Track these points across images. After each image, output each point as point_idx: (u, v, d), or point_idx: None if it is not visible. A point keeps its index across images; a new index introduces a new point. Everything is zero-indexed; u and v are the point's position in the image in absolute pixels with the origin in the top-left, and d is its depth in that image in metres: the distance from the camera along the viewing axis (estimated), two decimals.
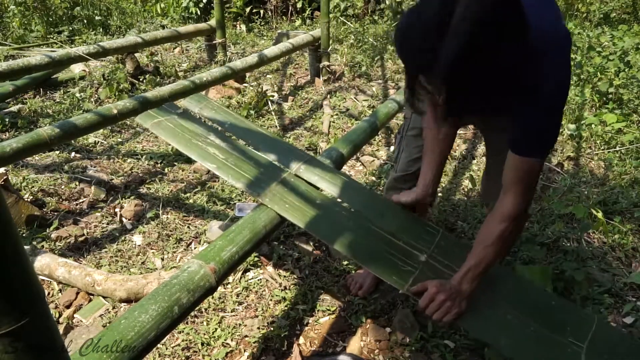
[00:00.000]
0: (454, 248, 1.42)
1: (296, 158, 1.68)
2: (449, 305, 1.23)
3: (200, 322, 1.71)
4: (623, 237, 2.16)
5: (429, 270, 1.34)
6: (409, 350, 1.60)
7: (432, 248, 1.39)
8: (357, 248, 1.36)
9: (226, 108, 1.96)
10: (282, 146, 1.78)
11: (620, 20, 6.75)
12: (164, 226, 2.25)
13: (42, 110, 3.55)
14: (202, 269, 1.15)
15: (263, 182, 1.50)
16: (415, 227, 1.47)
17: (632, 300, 1.82)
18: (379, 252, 1.36)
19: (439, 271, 1.34)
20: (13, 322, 0.57)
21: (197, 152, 1.57)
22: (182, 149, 1.59)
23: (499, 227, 1.22)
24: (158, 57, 4.70)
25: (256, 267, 1.98)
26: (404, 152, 1.70)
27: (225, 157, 1.57)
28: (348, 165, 2.90)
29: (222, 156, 1.57)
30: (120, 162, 2.87)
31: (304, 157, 1.70)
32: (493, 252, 1.24)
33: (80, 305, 1.79)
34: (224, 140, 1.67)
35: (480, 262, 1.25)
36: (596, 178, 2.75)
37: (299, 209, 1.43)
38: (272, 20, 6.66)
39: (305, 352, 1.61)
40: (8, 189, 2.11)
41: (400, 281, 1.29)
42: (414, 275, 1.31)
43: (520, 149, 1.17)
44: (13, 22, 5.68)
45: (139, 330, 0.95)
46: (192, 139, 1.61)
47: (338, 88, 4.19)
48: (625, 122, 3.30)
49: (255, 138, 1.80)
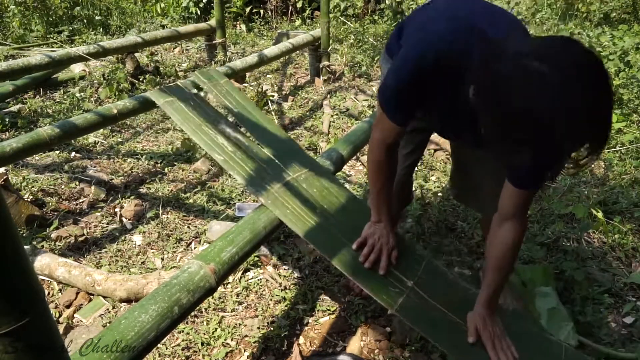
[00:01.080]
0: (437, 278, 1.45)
1: (300, 163, 1.67)
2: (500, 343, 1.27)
3: (200, 322, 1.71)
4: (623, 237, 2.16)
5: (415, 296, 1.36)
6: (409, 350, 1.60)
7: (416, 279, 1.41)
8: (353, 265, 1.37)
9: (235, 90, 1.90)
10: (288, 146, 1.76)
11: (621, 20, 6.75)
12: (164, 226, 2.25)
13: (42, 110, 3.55)
14: (202, 269, 1.15)
15: (266, 183, 1.49)
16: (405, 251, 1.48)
17: (632, 300, 1.82)
18: (372, 273, 1.37)
19: (423, 299, 1.36)
20: (13, 321, 0.57)
21: (206, 140, 1.54)
22: (190, 134, 1.56)
23: (513, 252, 1.28)
24: (158, 57, 4.70)
25: (256, 267, 1.98)
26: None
27: (233, 149, 1.55)
28: (348, 165, 2.90)
29: (230, 148, 1.55)
30: (120, 162, 2.87)
31: (306, 164, 1.69)
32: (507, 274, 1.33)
33: (80, 305, 1.79)
34: (234, 131, 1.64)
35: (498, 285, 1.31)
36: (596, 178, 2.75)
37: (300, 217, 1.43)
38: (272, 20, 6.66)
39: (305, 352, 1.61)
40: (8, 189, 2.11)
41: (390, 301, 1.31)
42: (403, 298, 1.33)
43: (527, 184, 1.19)
44: (13, 22, 5.67)
45: (139, 330, 0.96)
46: (202, 125, 1.58)
47: (338, 88, 4.19)
48: (626, 122, 3.30)
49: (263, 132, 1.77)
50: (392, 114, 1.22)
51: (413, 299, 1.35)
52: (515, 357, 1.25)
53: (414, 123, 1.48)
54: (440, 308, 1.35)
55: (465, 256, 2.06)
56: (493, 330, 1.28)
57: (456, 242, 2.17)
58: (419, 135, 1.60)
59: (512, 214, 1.23)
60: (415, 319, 1.31)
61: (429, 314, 1.33)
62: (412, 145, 1.62)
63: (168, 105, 1.63)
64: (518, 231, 1.25)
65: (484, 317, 1.29)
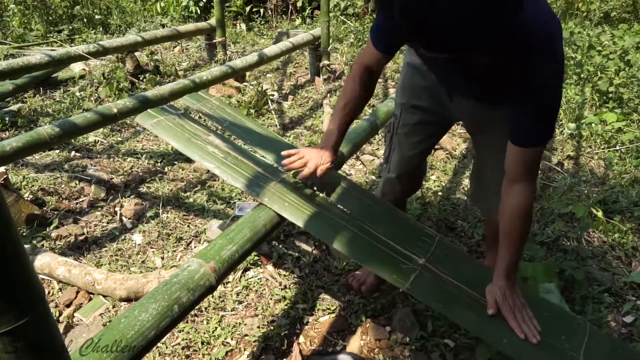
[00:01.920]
0: (450, 255, 1.43)
1: None
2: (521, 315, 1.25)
3: (200, 321, 1.71)
4: (623, 236, 2.16)
5: (428, 272, 1.34)
6: (409, 349, 1.60)
7: (429, 255, 1.39)
8: (356, 247, 1.36)
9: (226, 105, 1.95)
10: (281, 146, 1.77)
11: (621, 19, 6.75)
12: (164, 225, 2.25)
13: (42, 109, 3.55)
14: (202, 267, 1.15)
15: (262, 181, 1.50)
16: (413, 232, 1.47)
17: (632, 300, 1.82)
18: (378, 252, 1.36)
19: (436, 275, 1.34)
20: (13, 321, 0.57)
21: (197, 151, 1.56)
22: (181, 148, 1.58)
23: (524, 217, 1.25)
24: (158, 56, 4.69)
25: (256, 266, 1.98)
26: (396, 151, 1.67)
27: (224, 155, 1.56)
28: (348, 164, 2.90)
29: (221, 155, 1.56)
30: (120, 161, 2.87)
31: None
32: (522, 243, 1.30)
33: (80, 304, 1.79)
34: (223, 140, 1.66)
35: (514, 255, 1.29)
36: (596, 177, 2.75)
37: (298, 208, 1.43)
38: (272, 19, 6.66)
39: (305, 351, 1.61)
40: (8, 188, 2.11)
41: (401, 280, 1.28)
42: (415, 274, 1.31)
43: (526, 140, 1.18)
44: (13, 21, 5.67)
45: (139, 329, 0.95)
46: (192, 138, 1.61)
47: (338, 87, 4.19)
48: (625, 121, 3.30)
49: (255, 138, 1.79)
50: (374, 40, 1.36)
51: (426, 275, 1.32)
52: (538, 329, 1.23)
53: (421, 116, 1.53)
54: (455, 282, 1.32)
55: None
56: (514, 303, 1.25)
57: (456, 241, 2.17)
58: (428, 127, 1.60)
59: (519, 176, 1.22)
60: (429, 295, 1.28)
61: (444, 288, 1.30)
62: (420, 136, 1.61)
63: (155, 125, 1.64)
64: (527, 194, 1.23)
65: (503, 289, 1.27)
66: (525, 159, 1.20)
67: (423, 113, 1.55)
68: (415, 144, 1.62)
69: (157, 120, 1.66)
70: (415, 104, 1.55)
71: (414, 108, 1.56)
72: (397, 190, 1.73)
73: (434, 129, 1.62)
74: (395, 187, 1.72)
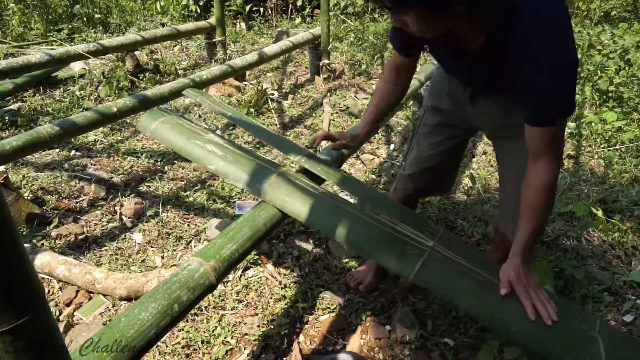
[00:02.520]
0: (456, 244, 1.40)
1: (297, 152, 1.69)
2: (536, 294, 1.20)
3: (200, 320, 1.71)
4: (623, 235, 2.16)
5: (437, 254, 1.30)
6: (409, 349, 1.60)
7: (437, 239, 1.36)
8: (359, 238, 1.33)
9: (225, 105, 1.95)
10: (283, 141, 1.77)
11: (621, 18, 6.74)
12: (164, 224, 2.25)
13: (42, 109, 3.54)
14: (202, 266, 1.15)
15: (263, 178, 1.49)
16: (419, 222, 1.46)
17: (632, 299, 1.82)
18: (386, 237, 1.33)
19: (446, 257, 1.30)
20: (13, 320, 0.57)
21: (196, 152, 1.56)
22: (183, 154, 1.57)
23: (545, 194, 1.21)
24: (158, 55, 4.69)
25: (256, 265, 1.98)
26: (414, 150, 1.67)
27: (223, 153, 1.56)
28: (348, 163, 2.90)
29: (220, 153, 1.56)
30: (120, 160, 2.87)
31: (304, 151, 1.70)
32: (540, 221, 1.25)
33: (80, 303, 1.79)
34: (222, 139, 1.66)
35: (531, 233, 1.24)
36: (596, 176, 2.75)
37: (298, 201, 1.42)
38: (272, 18, 6.65)
39: (305, 350, 1.61)
40: (8, 187, 2.11)
41: (407, 268, 1.24)
42: (423, 258, 1.27)
43: (537, 120, 1.15)
44: (13, 20, 5.66)
45: (139, 328, 0.95)
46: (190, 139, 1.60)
47: (338, 86, 4.18)
48: (625, 120, 3.30)
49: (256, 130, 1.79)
50: (391, 40, 1.46)
51: (436, 256, 1.29)
52: (554, 309, 1.17)
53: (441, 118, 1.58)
54: (465, 263, 1.28)
55: None
56: (528, 282, 1.21)
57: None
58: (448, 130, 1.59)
59: (541, 153, 1.18)
60: (437, 280, 1.24)
61: (455, 269, 1.26)
62: (440, 137, 1.60)
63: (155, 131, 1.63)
64: (549, 170, 1.19)
65: (518, 269, 1.22)
66: (542, 137, 1.17)
67: (444, 115, 1.56)
68: (434, 144, 1.61)
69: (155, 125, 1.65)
70: (437, 106, 1.57)
71: (436, 110, 1.58)
72: (409, 187, 1.73)
73: (454, 131, 1.60)
74: (407, 184, 1.72)
